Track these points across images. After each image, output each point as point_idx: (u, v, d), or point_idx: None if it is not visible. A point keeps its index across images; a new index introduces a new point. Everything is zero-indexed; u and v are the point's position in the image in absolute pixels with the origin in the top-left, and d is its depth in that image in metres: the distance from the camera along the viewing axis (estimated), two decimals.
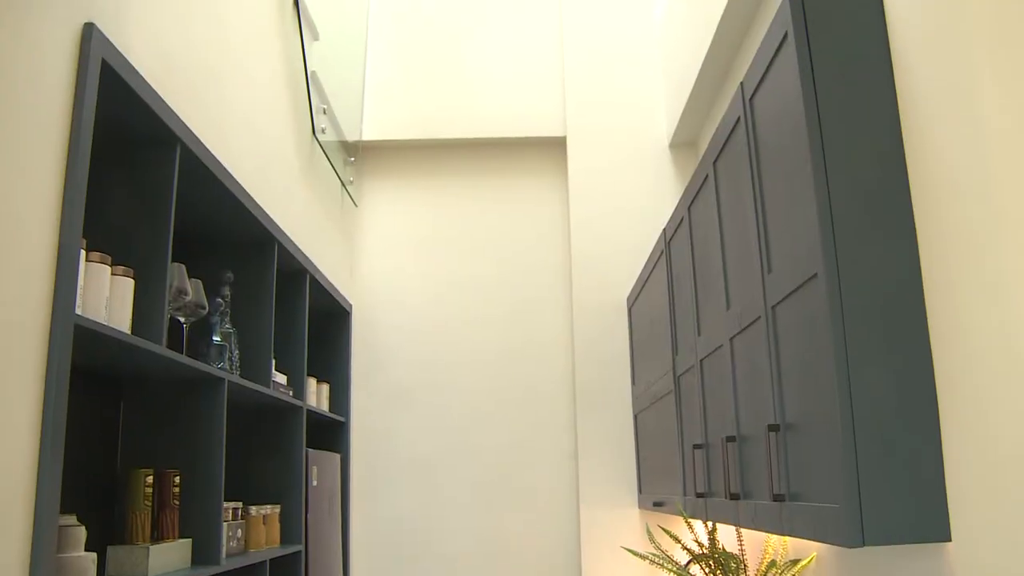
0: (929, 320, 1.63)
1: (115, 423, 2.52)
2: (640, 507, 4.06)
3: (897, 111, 1.74)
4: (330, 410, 4.09)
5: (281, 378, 3.23)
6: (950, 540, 1.58)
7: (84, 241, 1.81)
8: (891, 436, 1.59)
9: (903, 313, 1.64)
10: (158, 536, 2.31)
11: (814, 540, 1.74)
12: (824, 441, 1.68)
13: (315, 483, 3.50)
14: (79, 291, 1.78)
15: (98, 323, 1.83)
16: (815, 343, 1.71)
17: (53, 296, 1.68)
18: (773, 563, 2.76)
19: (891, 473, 1.58)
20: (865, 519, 1.55)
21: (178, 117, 2.23)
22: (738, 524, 2.31)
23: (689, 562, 2.96)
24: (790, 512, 1.85)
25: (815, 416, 1.73)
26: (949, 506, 1.57)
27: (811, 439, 1.76)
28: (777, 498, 1.89)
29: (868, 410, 1.60)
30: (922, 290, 1.65)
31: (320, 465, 3.62)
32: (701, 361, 2.70)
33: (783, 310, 1.91)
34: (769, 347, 1.98)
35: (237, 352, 2.85)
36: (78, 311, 1.76)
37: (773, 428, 1.92)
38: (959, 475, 1.55)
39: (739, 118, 2.21)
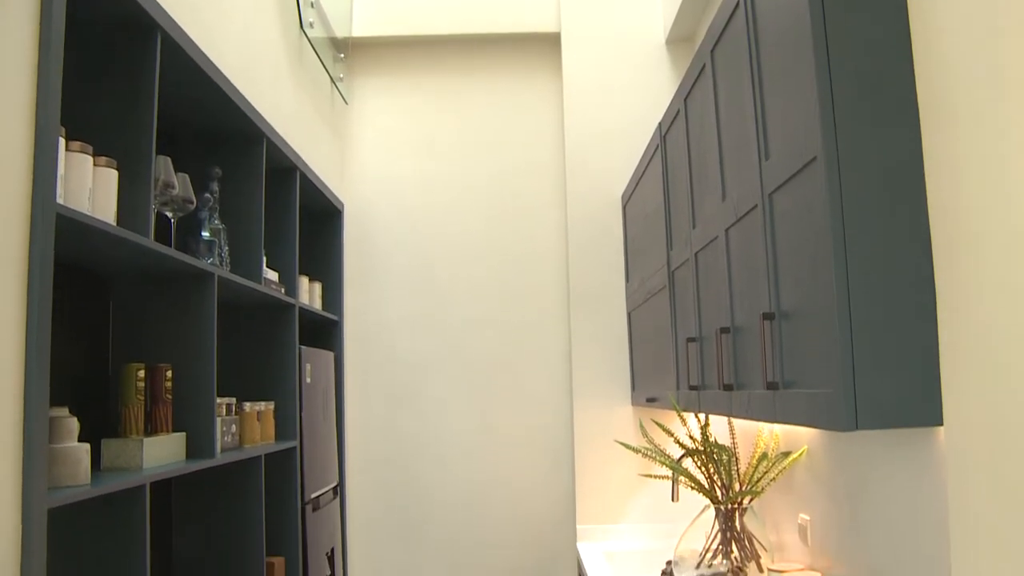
0: (929, 204, 1.60)
1: (105, 320, 2.51)
2: (634, 404, 4.10)
3: None
4: (323, 309, 4.08)
5: (272, 275, 3.20)
6: (942, 424, 1.58)
7: (63, 130, 1.76)
8: (886, 321, 1.58)
9: (903, 196, 1.61)
10: (152, 430, 2.32)
11: (807, 426, 1.74)
12: (819, 328, 1.66)
13: (309, 381, 3.51)
14: (59, 180, 1.73)
15: (81, 213, 1.79)
16: (812, 228, 1.68)
17: (32, 184, 1.63)
18: (764, 456, 2.79)
19: (885, 358, 1.57)
20: (859, 403, 1.55)
21: (156, 1, 2.15)
22: (731, 414, 2.32)
23: (682, 456, 2.98)
24: (784, 400, 1.85)
25: (811, 303, 1.72)
26: (943, 390, 1.57)
27: (806, 326, 1.75)
28: (771, 386, 1.88)
29: (864, 295, 1.58)
30: (923, 173, 1.61)
31: (313, 363, 3.63)
32: (696, 254, 2.67)
33: (780, 197, 1.87)
34: (765, 235, 1.95)
35: (227, 248, 2.82)
36: (59, 201, 1.72)
37: (768, 317, 1.90)
38: (953, 359, 1.54)
39: (738, 3, 2.14)
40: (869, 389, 1.56)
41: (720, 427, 3.12)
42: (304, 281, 3.69)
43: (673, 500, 2.92)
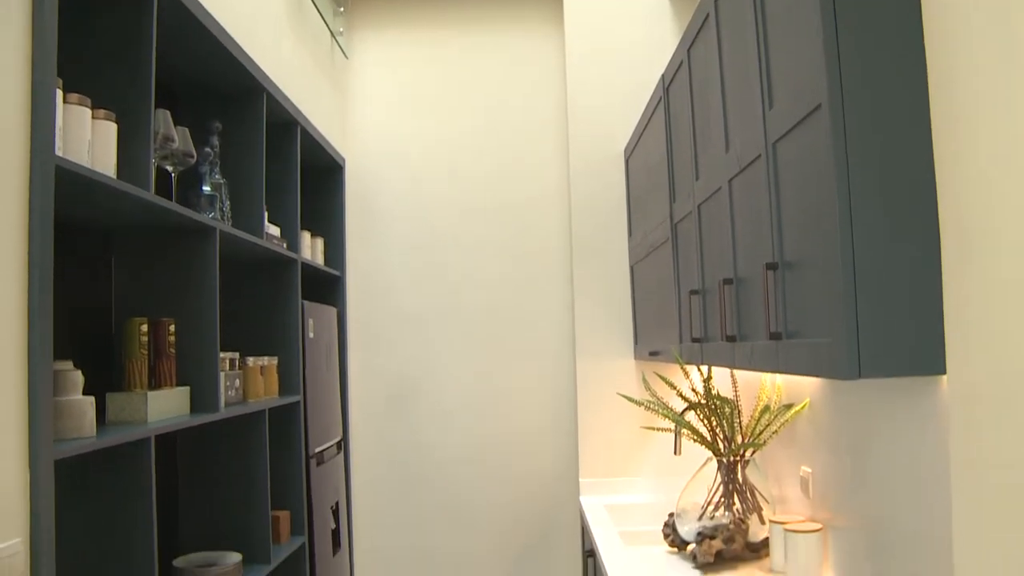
0: (935, 151, 1.58)
1: (108, 274, 2.51)
2: (636, 358, 4.10)
3: None
4: (325, 264, 4.08)
5: (274, 230, 3.20)
6: (945, 373, 1.58)
7: (60, 82, 1.75)
8: (890, 269, 1.57)
9: (908, 143, 1.59)
10: (156, 384, 2.33)
11: (810, 375, 1.74)
12: (823, 277, 1.66)
13: (312, 336, 3.52)
14: (58, 133, 1.72)
15: (81, 166, 1.78)
16: (816, 176, 1.67)
17: (30, 137, 1.62)
18: (767, 408, 2.80)
19: (889, 306, 1.57)
20: (862, 351, 1.55)
21: None
22: (734, 366, 2.32)
23: (685, 409, 2.99)
24: (787, 350, 1.85)
25: (814, 252, 1.71)
26: (946, 339, 1.56)
27: (810, 276, 1.74)
28: (774, 336, 1.88)
29: (867, 243, 1.57)
30: (929, 120, 1.59)
31: (316, 318, 3.63)
32: (699, 206, 2.66)
33: (784, 146, 1.86)
34: (769, 185, 1.94)
35: (228, 203, 2.80)
36: (59, 153, 1.71)
37: (771, 267, 1.90)
38: (956, 307, 1.53)
39: None
40: (872, 337, 1.55)
41: (723, 380, 3.12)
42: (306, 236, 3.68)
43: (675, 453, 2.94)
